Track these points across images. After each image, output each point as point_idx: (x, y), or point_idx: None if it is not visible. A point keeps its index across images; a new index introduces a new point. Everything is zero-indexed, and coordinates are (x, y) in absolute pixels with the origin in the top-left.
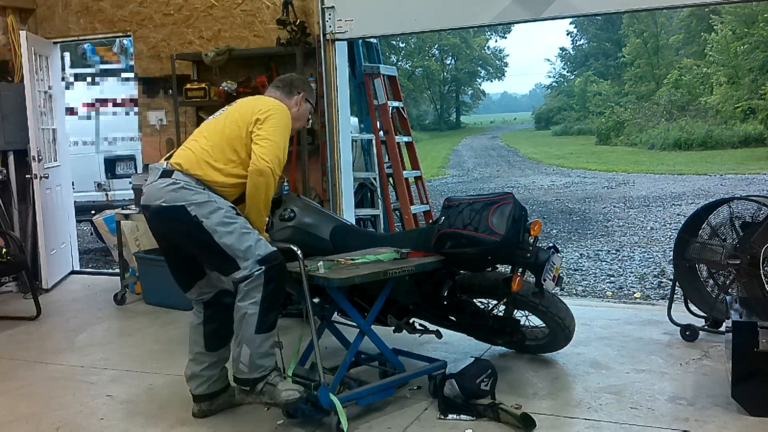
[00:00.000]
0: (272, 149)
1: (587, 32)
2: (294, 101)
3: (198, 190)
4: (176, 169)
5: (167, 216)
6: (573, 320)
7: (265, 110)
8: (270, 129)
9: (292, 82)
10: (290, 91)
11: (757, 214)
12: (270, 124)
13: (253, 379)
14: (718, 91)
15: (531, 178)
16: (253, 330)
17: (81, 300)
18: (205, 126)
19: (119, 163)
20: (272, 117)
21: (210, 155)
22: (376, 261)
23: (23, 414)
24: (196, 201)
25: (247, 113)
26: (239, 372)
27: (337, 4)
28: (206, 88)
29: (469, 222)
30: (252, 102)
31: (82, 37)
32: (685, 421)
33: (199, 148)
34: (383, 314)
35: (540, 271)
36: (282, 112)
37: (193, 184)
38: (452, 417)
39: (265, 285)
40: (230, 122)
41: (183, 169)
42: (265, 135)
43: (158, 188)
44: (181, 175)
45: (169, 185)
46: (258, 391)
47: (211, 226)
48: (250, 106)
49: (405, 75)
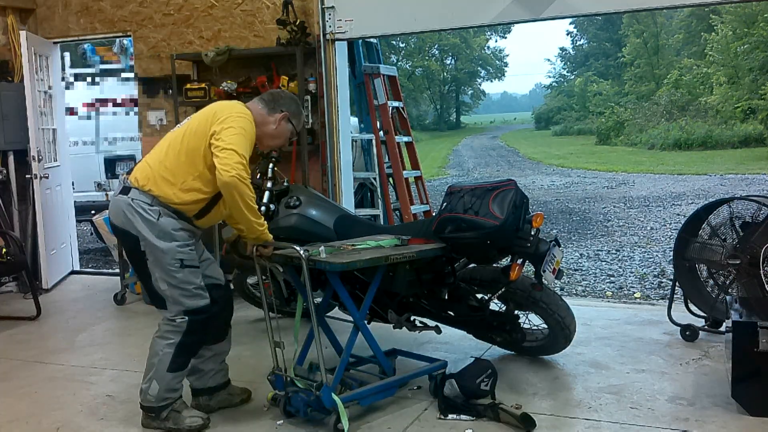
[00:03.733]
0: (231, 157)
1: (587, 32)
2: (274, 119)
3: (150, 219)
4: (133, 186)
5: (122, 237)
6: (573, 320)
7: (222, 119)
8: (228, 138)
9: (278, 99)
10: (273, 107)
11: (757, 214)
12: (227, 133)
13: (158, 407)
14: (718, 91)
15: (531, 178)
16: (165, 368)
17: (81, 300)
18: (167, 138)
19: (119, 163)
20: (229, 125)
21: (168, 170)
22: (377, 246)
23: (23, 414)
24: (147, 237)
25: (205, 124)
26: (146, 401)
27: (337, 4)
28: (206, 88)
29: (470, 206)
30: (211, 111)
31: (82, 37)
32: (685, 421)
33: (157, 163)
34: (384, 310)
35: (540, 261)
36: (240, 117)
37: (148, 206)
38: (452, 417)
39: (185, 334)
40: (189, 134)
41: (139, 185)
42: (222, 145)
43: (117, 205)
44: (137, 193)
45: (127, 206)
46: (163, 418)
47: (152, 267)
48: (208, 117)
49: (405, 75)
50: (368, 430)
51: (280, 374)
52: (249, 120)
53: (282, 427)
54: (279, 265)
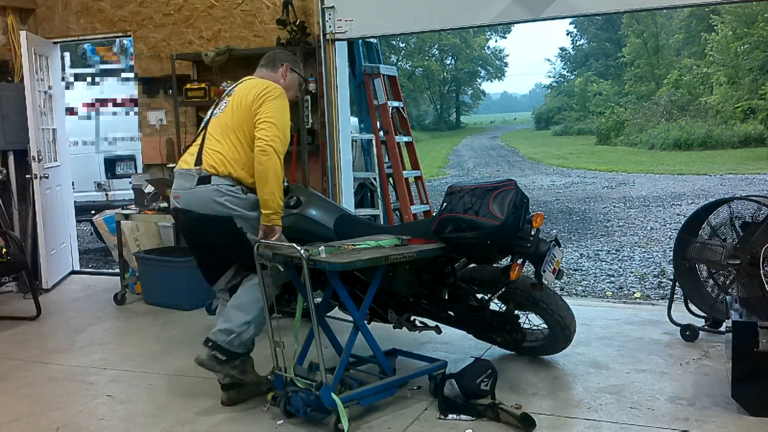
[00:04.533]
0: (271, 129)
1: (587, 32)
2: (280, 73)
3: (240, 196)
4: (212, 173)
5: (214, 225)
6: (573, 320)
7: (261, 95)
8: (267, 111)
9: (274, 56)
10: (274, 65)
11: (757, 214)
12: (266, 106)
13: (238, 353)
14: (718, 91)
15: (531, 178)
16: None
17: (81, 300)
18: (217, 125)
19: (119, 163)
20: (267, 99)
21: (233, 155)
22: (377, 246)
23: (23, 414)
24: (242, 213)
25: (246, 104)
26: (232, 345)
27: (337, 4)
28: (206, 88)
29: (470, 206)
30: (247, 90)
31: (82, 37)
32: (685, 421)
33: (221, 149)
34: (384, 310)
35: (540, 261)
36: (274, 90)
37: (233, 188)
38: (452, 417)
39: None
40: (236, 116)
41: (219, 172)
42: (263, 117)
43: (202, 196)
44: (218, 179)
45: (214, 192)
46: (234, 365)
47: (250, 237)
48: (246, 97)
49: (405, 75)
50: (368, 430)
51: (280, 374)
52: (282, 93)
53: (282, 427)
54: (279, 264)
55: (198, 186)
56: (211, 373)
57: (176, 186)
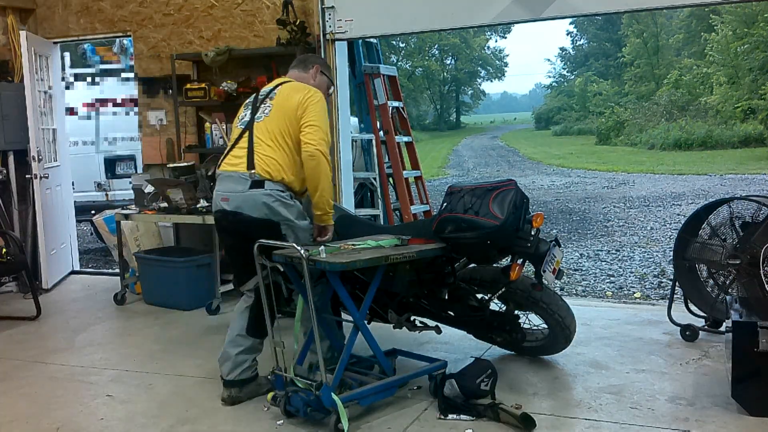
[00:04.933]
0: (317, 133)
1: (587, 32)
2: (310, 74)
3: (289, 203)
4: (266, 178)
5: (261, 229)
6: (574, 320)
7: (304, 101)
8: (311, 115)
9: (306, 58)
10: (305, 66)
11: (757, 214)
12: (309, 110)
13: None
14: (718, 91)
15: (531, 178)
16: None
17: (81, 300)
18: (265, 129)
19: (119, 163)
20: (310, 103)
21: (285, 160)
22: (377, 246)
23: (23, 414)
24: (289, 220)
25: (290, 108)
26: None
27: (337, 4)
28: (206, 88)
29: (470, 206)
30: (289, 95)
31: (82, 37)
32: (685, 421)
33: (280, 155)
34: (384, 310)
35: (540, 262)
36: (315, 94)
37: (284, 194)
38: (452, 417)
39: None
40: (283, 121)
41: (272, 177)
42: (308, 122)
43: (254, 199)
44: (271, 184)
45: (267, 197)
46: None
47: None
48: (289, 101)
49: (405, 75)
50: (368, 430)
51: (280, 374)
52: (321, 96)
53: (282, 426)
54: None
55: (251, 189)
56: (210, 373)
57: (224, 188)
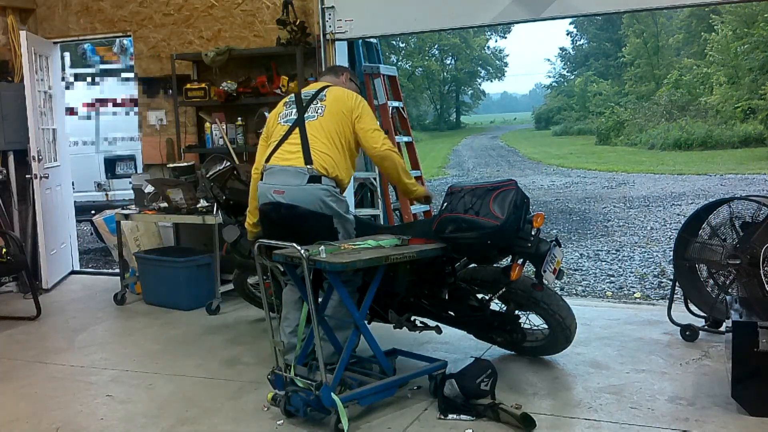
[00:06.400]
0: (378, 135)
1: (587, 32)
2: (341, 80)
3: (341, 198)
4: (323, 174)
5: (315, 222)
6: (574, 320)
7: (356, 106)
8: (366, 120)
9: (335, 66)
10: (336, 73)
11: (757, 214)
12: (363, 117)
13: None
14: (718, 91)
15: (531, 178)
16: None
17: (81, 300)
18: (319, 128)
19: (119, 163)
20: (362, 110)
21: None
22: (377, 246)
23: (23, 414)
24: (341, 214)
25: (344, 112)
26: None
27: (337, 4)
28: (206, 88)
29: (471, 206)
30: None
31: (82, 37)
32: (685, 421)
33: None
34: (384, 310)
35: (540, 262)
36: (363, 100)
37: (336, 189)
38: (452, 417)
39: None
40: (336, 122)
41: (328, 173)
42: (367, 127)
43: (311, 194)
44: (327, 180)
45: (323, 192)
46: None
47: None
48: (340, 105)
49: (405, 75)
50: (368, 430)
51: (280, 374)
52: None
53: (282, 426)
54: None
55: (309, 184)
56: (210, 373)
57: (279, 181)
